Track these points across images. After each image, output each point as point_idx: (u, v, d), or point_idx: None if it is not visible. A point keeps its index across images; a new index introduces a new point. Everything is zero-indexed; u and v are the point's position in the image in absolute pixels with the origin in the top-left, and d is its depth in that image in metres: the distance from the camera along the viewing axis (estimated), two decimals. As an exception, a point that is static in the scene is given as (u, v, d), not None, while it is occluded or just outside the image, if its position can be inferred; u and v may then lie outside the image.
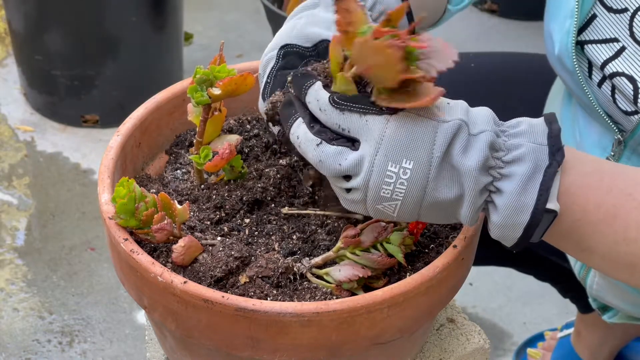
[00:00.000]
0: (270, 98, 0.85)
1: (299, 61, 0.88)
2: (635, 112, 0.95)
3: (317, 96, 0.78)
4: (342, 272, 0.84)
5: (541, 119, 0.78)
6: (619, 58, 0.95)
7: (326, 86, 0.79)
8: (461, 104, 0.77)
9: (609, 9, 0.96)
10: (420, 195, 0.76)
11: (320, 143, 0.77)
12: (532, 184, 0.75)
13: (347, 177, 0.77)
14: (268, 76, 0.88)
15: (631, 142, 0.97)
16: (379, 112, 0.76)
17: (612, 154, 1.01)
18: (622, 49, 0.95)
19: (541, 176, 0.75)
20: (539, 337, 1.70)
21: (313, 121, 0.78)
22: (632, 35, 0.94)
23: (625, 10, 0.94)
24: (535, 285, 1.43)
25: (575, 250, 0.81)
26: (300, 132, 0.78)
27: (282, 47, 0.88)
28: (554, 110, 1.16)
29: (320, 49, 0.88)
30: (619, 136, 0.99)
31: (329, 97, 0.77)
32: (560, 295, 1.47)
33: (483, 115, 0.77)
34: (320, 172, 0.78)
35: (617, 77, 0.95)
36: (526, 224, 0.76)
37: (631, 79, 0.94)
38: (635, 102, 0.94)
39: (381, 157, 0.75)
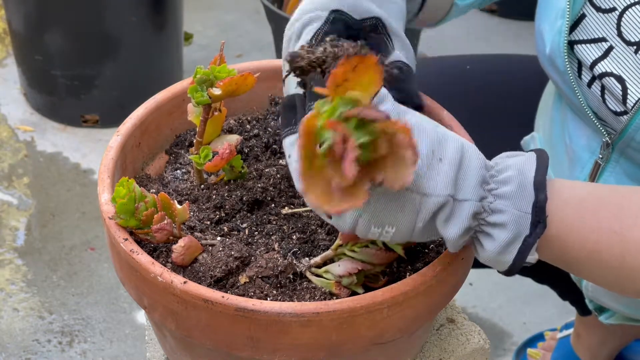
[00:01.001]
0: (322, 48, 0.79)
1: (345, 32, 0.84)
2: (625, 112, 0.95)
3: None
4: (341, 267, 0.84)
5: (530, 177, 0.77)
6: (608, 58, 0.96)
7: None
8: (450, 167, 0.75)
9: (598, 9, 0.96)
10: (407, 239, 0.79)
11: None
12: (510, 249, 0.77)
13: None
14: (313, 36, 0.83)
15: (620, 143, 0.97)
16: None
17: (601, 156, 1.01)
18: (610, 48, 0.95)
19: (520, 244, 0.77)
20: (539, 337, 1.70)
21: None
22: (619, 34, 0.94)
23: (614, 9, 0.94)
24: (535, 285, 1.43)
25: (567, 270, 0.84)
26: (293, 154, 0.78)
27: (333, 11, 0.84)
28: (547, 113, 1.16)
29: (366, 26, 0.86)
30: (607, 139, 0.99)
31: None
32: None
33: (470, 180, 0.76)
34: None
35: (606, 77, 0.96)
36: (505, 270, 0.80)
37: (619, 79, 0.94)
38: (624, 102, 0.94)
39: (365, 219, 0.76)
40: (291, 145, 0.78)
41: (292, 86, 0.83)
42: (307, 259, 0.87)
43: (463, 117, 0.96)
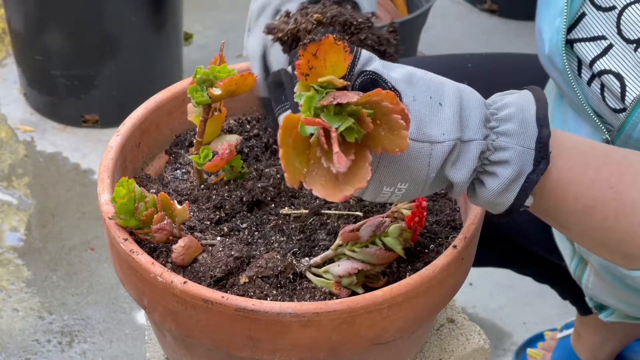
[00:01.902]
0: (292, 19, 0.81)
1: None
2: (623, 110, 0.96)
3: None
4: (341, 267, 0.84)
5: (532, 113, 0.77)
6: (607, 55, 0.96)
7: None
8: (453, 111, 0.75)
9: (598, 7, 0.97)
10: (418, 195, 0.78)
11: None
12: (512, 187, 0.76)
13: None
14: (299, 8, 0.85)
15: (618, 141, 0.98)
16: None
17: None
18: (610, 46, 0.96)
19: (522, 181, 0.76)
20: (539, 337, 1.70)
21: None
22: (619, 32, 0.95)
23: (613, 8, 0.95)
24: (535, 285, 1.43)
25: (555, 225, 0.84)
26: None
27: None
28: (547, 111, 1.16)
29: None
30: (607, 136, 0.99)
31: None
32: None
33: (474, 118, 0.76)
34: None
35: (605, 75, 0.96)
36: (501, 213, 0.79)
37: (618, 76, 0.95)
38: (622, 99, 0.95)
39: (376, 180, 0.75)
40: None
41: (255, 65, 0.86)
42: (307, 259, 0.87)
43: None
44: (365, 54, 0.76)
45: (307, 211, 0.93)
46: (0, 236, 2.00)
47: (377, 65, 0.76)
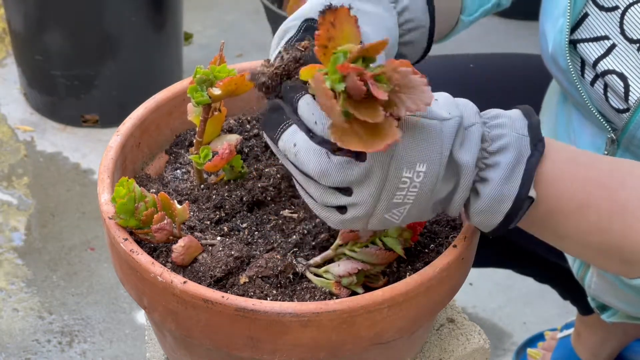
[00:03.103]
0: (279, 57, 0.79)
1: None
2: (627, 110, 0.96)
3: (312, 110, 0.75)
4: (341, 266, 0.84)
5: (517, 111, 0.79)
6: (610, 55, 0.96)
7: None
8: (447, 97, 0.78)
9: (601, 8, 0.97)
10: (429, 196, 0.76)
11: (327, 152, 0.74)
12: (515, 173, 0.77)
13: (345, 192, 0.76)
14: (285, 45, 0.83)
15: (624, 140, 0.98)
16: None
17: (606, 152, 1.02)
18: (613, 46, 0.96)
19: (524, 165, 0.77)
20: (539, 337, 1.70)
21: (310, 131, 0.75)
22: (622, 32, 0.95)
23: (616, 8, 0.95)
24: (535, 285, 1.43)
25: (552, 238, 0.83)
26: (298, 140, 0.75)
27: (306, 20, 0.84)
28: (551, 111, 1.16)
29: None
30: (612, 135, 1.00)
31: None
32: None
33: (470, 107, 0.78)
34: (307, 187, 0.76)
35: (609, 75, 0.96)
36: (507, 211, 0.78)
37: (622, 76, 0.95)
38: (626, 99, 0.95)
39: (396, 163, 0.74)
40: (294, 133, 0.75)
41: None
42: (307, 258, 0.87)
43: None
44: None
45: (307, 214, 0.93)
46: (0, 236, 2.01)
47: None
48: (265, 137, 0.78)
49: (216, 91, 0.89)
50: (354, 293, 0.84)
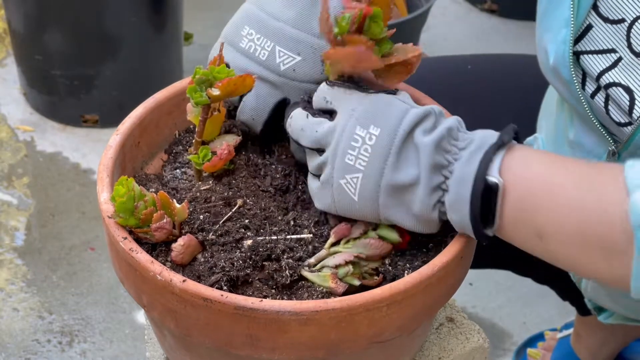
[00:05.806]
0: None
1: None
2: (629, 124, 0.94)
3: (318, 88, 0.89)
4: (336, 258, 0.85)
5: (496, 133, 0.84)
6: (616, 69, 0.94)
7: None
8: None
9: (605, 20, 0.95)
10: (381, 169, 0.82)
11: (307, 115, 0.87)
12: (474, 157, 0.81)
13: (321, 153, 0.85)
14: None
15: (624, 153, 0.97)
16: (364, 89, 0.85)
17: None
18: (619, 59, 0.94)
19: (484, 150, 0.81)
20: (539, 337, 1.70)
21: (308, 105, 0.89)
22: (629, 46, 0.93)
23: (623, 21, 0.93)
24: (535, 285, 1.43)
25: (532, 238, 0.83)
26: (294, 112, 0.88)
27: None
28: (549, 113, 1.15)
29: None
30: (613, 147, 0.98)
31: (326, 80, 0.87)
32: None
33: (454, 117, 0.85)
34: (298, 143, 0.87)
35: (613, 88, 0.94)
36: (470, 195, 0.80)
37: (627, 90, 0.93)
38: (630, 114, 0.93)
39: (353, 121, 0.83)
40: (292, 109, 0.89)
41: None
42: (303, 259, 0.87)
43: (465, 117, 0.96)
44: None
45: (307, 215, 0.93)
46: (0, 236, 2.01)
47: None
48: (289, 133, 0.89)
49: (215, 92, 0.89)
50: (353, 291, 0.84)
